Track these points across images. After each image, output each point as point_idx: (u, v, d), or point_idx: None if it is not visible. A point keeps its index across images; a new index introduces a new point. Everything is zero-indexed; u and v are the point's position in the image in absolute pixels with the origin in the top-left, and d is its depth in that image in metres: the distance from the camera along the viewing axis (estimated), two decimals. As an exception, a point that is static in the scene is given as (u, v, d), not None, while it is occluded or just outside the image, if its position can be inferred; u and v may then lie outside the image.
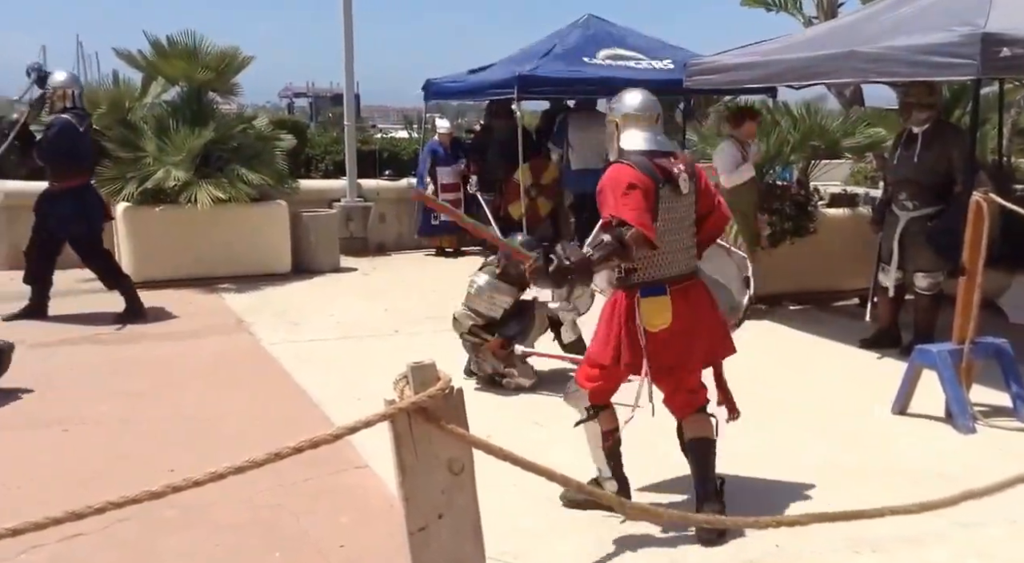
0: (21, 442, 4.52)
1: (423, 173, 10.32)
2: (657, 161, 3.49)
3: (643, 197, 3.36)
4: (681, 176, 3.51)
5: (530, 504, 3.71)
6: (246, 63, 9.05)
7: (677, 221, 3.53)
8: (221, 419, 4.86)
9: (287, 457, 1.46)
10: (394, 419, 1.51)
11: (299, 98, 49.78)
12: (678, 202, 3.52)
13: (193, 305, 7.75)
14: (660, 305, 3.47)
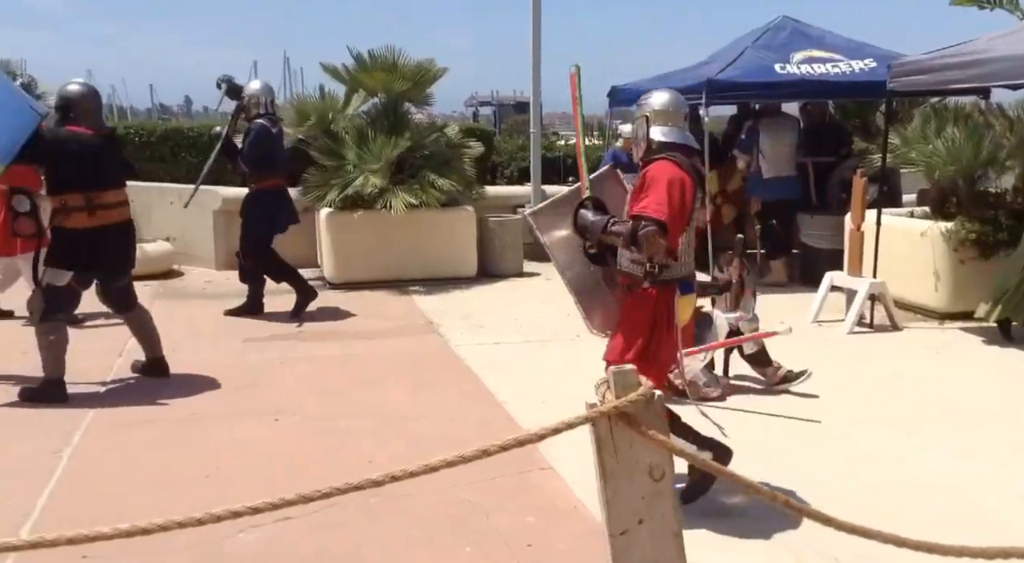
0: (239, 429, 4.90)
1: None
2: (694, 162, 3.58)
3: (680, 199, 3.40)
4: (705, 178, 3.65)
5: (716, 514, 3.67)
6: (440, 74, 9.42)
7: (695, 221, 3.62)
8: (415, 417, 5.09)
9: (494, 454, 1.52)
10: (595, 422, 1.55)
11: (484, 107, 51.11)
12: (699, 204, 3.61)
13: (387, 306, 8.14)
14: (691, 302, 3.61)
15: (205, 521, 2.34)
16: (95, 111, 5.44)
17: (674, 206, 3.38)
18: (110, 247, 5.36)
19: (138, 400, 5.33)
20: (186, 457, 4.48)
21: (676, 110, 3.67)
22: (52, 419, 4.96)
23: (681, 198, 3.41)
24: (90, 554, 3.27)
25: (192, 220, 9.66)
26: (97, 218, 5.26)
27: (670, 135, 3.59)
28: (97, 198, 5.25)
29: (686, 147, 3.60)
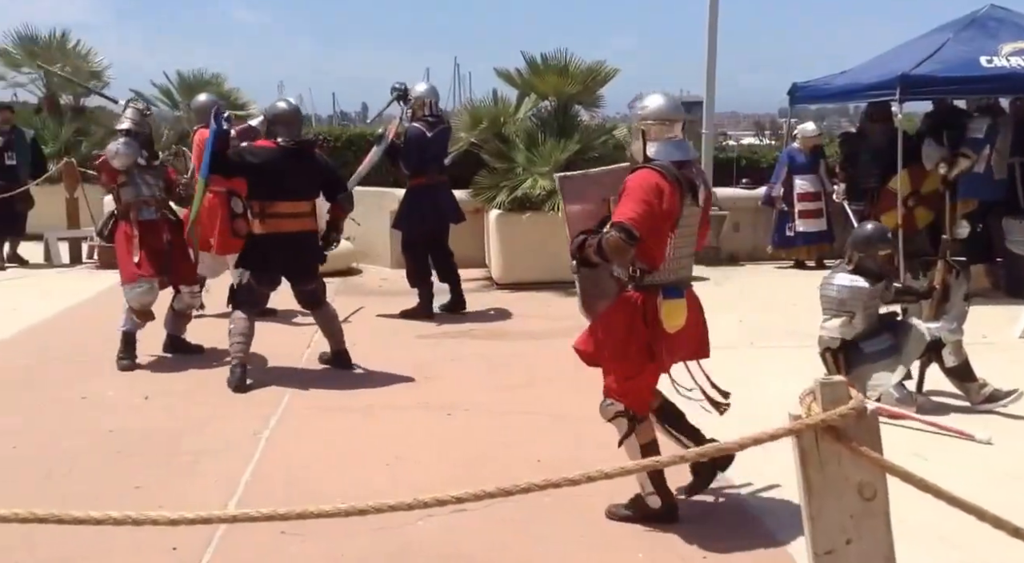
0: (414, 421, 5.10)
1: (777, 181, 10.08)
2: (684, 171, 3.56)
3: (655, 206, 3.43)
4: (701, 188, 3.64)
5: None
6: (611, 76, 9.41)
7: (690, 228, 3.67)
8: (584, 418, 5.09)
9: (676, 464, 1.53)
10: (800, 435, 1.53)
11: (648, 107, 50.60)
12: (692, 211, 3.63)
13: (552, 307, 8.21)
14: (679, 307, 3.60)
15: (397, 508, 2.47)
16: (293, 125, 5.81)
17: (645, 214, 3.42)
18: (282, 255, 5.72)
19: (324, 389, 5.63)
20: (367, 445, 4.70)
21: (671, 117, 3.65)
22: (252, 404, 5.33)
23: (656, 205, 3.44)
24: (288, 530, 3.51)
25: (370, 220, 10.07)
26: (268, 226, 5.69)
27: (662, 148, 3.60)
28: (269, 207, 5.67)
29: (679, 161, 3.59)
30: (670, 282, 3.62)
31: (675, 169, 3.52)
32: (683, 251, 3.66)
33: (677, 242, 3.59)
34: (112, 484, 4.11)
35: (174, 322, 6.43)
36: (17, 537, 3.45)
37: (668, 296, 3.58)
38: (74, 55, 13.12)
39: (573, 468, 4.02)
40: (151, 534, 3.43)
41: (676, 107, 3.70)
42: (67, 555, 3.39)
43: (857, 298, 5.11)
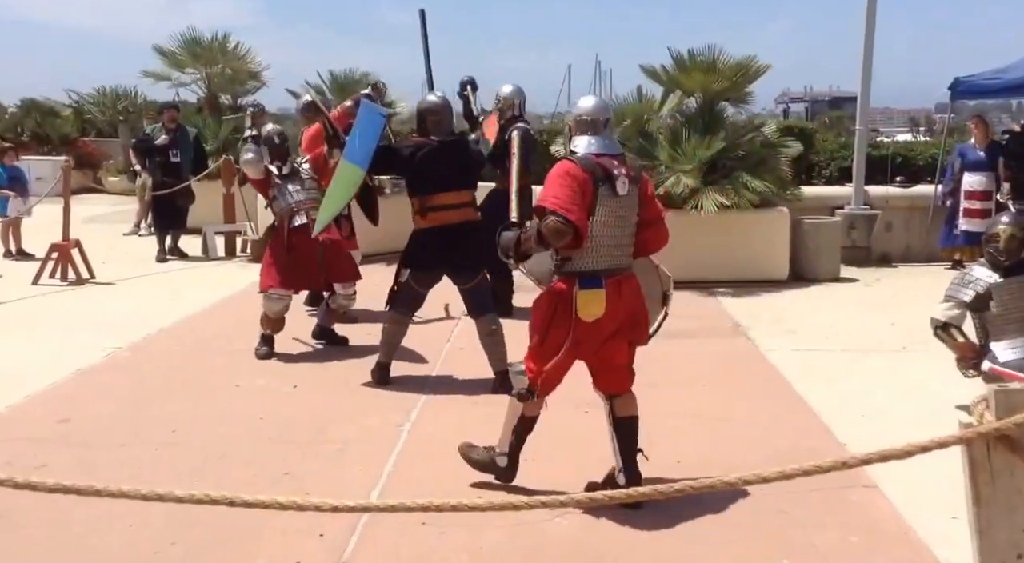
0: (551, 417, 5.03)
1: (948, 179, 9.57)
2: (600, 160, 3.75)
3: (575, 189, 3.63)
4: (620, 178, 3.75)
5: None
6: (761, 71, 9.15)
7: (615, 218, 3.78)
8: (725, 420, 5.00)
9: (853, 467, 1.44)
10: (970, 444, 1.42)
11: (795, 103, 49.02)
12: (615, 201, 3.76)
13: (692, 307, 8.05)
14: (596, 297, 3.73)
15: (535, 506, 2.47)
16: (444, 120, 5.69)
17: (566, 196, 3.63)
18: (448, 247, 5.54)
19: (463, 383, 5.71)
20: (505, 441, 4.72)
21: (592, 115, 3.91)
22: (394, 398, 5.45)
23: (574, 190, 3.64)
24: (428, 521, 3.58)
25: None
26: (429, 220, 5.55)
27: (581, 143, 3.85)
28: (429, 201, 5.54)
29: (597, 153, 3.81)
30: (588, 271, 3.77)
31: (591, 159, 3.75)
32: (607, 242, 3.79)
33: (596, 231, 3.74)
34: (263, 470, 4.29)
35: (326, 315, 6.67)
36: (177, 518, 3.66)
37: (584, 286, 3.74)
38: (234, 57, 13.79)
39: (711, 469, 3.96)
40: (300, 519, 3.56)
41: (599, 108, 3.98)
42: (223, 536, 3.56)
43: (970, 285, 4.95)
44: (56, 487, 2.26)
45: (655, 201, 4.05)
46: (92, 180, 16.64)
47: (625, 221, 3.85)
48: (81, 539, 3.58)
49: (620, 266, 3.87)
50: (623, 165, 3.87)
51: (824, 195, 10.32)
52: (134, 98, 19.30)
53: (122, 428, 4.81)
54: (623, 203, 3.81)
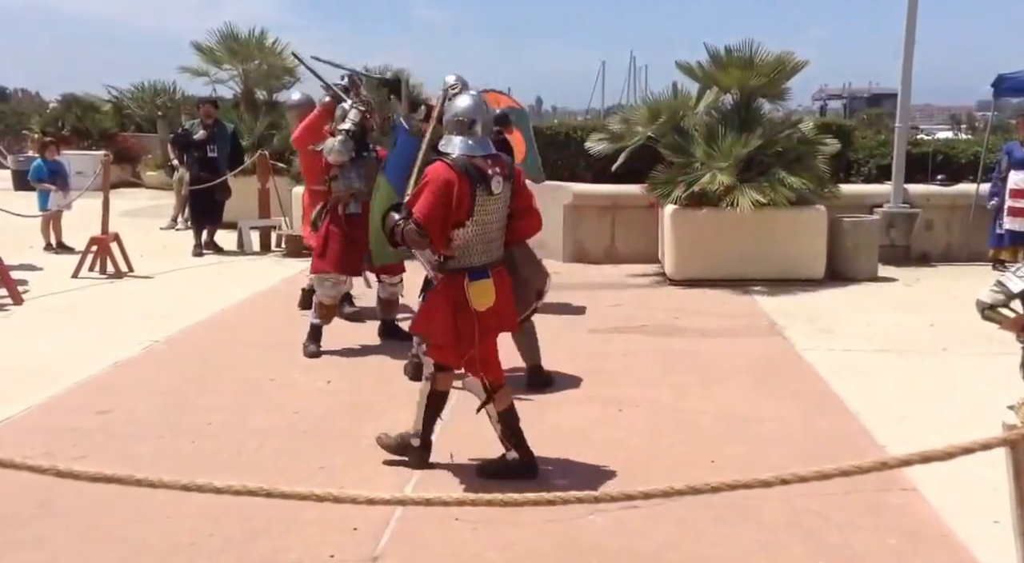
0: (585, 415, 5.08)
1: (996, 177, 9.41)
2: (474, 162, 3.91)
3: (444, 200, 3.83)
4: (495, 178, 3.92)
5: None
6: (799, 68, 9.05)
7: (492, 215, 3.99)
8: (759, 419, 4.95)
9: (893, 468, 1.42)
10: (1015, 446, 1.39)
11: (833, 100, 48.46)
12: (491, 201, 3.95)
13: (727, 305, 8.00)
14: (486, 288, 3.97)
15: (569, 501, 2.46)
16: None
17: (431, 208, 3.84)
18: None
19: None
20: (539, 435, 4.68)
21: (466, 116, 4.00)
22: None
23: (442, 201, 3.83)
24: (461, 516, 3.58)
25: (544, 213, 10.12)
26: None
27: (454, 144, 3.97)
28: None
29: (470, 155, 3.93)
30: (476, 266, 3.98)
31: (466, 161, 3.89)
32: (489, 237, 4.01)
33: (478, 230, 3.95)
34: (298, 463, 4.32)
35: (383, 309, 6.71)
36: (214, 510, 3.69)
37: (474, 278, 3.96)
38: (270, 52, 13.90)
39: (747, 470, 3.91)
40: (334, 513, 3.59)
41: (474, 109, 4.05)
42: (258, 528, 3.59)
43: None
44: (97, 476, 2.30)
45: (525, 190, 4.26)
46: (131, 175, 16.86)
47: (498, 214, 4.06)
48: (119, 528, 3.62)
49: (498, 259, 4.10)
50: (496, 164, 4.00)
51: (863, 193, 10.18)
52: (172, 93, 19.52)
53: (160, 420, 4.86)
54: (499, 200, 4.01)
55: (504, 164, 4.06)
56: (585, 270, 9.73)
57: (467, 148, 3.97)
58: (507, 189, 4.05)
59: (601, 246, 10.17)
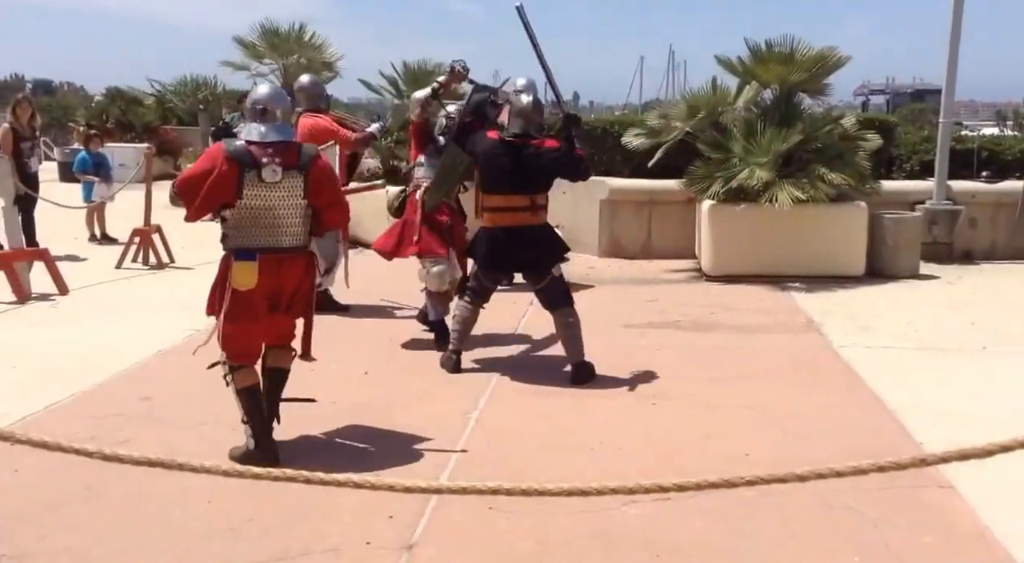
0: (619, 408, 5.10)
1: None
2: (252, 148, 4.08)
3: (205, 168, 4.08)
4: (268, 166, 4.06)
5: None
6: (841, 63, 8.95)
7: (269, 202, 4.09)
8: (795, 415, 4.93)
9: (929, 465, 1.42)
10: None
11: (875, 95, 47.76)
12: (264, 187, 4.08)
13: (764, 301, 7.95)
14: (247, 269, 4.08)
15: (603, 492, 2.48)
16: (528, 118, 5.55)
17: (189, 175, 4.17)
18: (500, 249, 5.56)
19: (532, 373, 5.74)
20: (573, 429, 4.75)
21: (257, 105, 4.20)
22: (462, 385, 5.52)
23: (204, 168, 4.09)
24: (495, 506, 3.61)
25: (580, 208, 10.16)
26: (486, 219, 5.61)
27: (247, 129, 4.18)
28: (485, 201, 5.60)
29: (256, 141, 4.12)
30: (244, 247, 4.10)
31: (239, 147, 4.09)
32: (267, 222, 4.12)
33: (248, 214, 4.08)
34: (336, 452, 4.39)
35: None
36: (253, 496, 3.77)
37: (238, 258, 4.10)
38: (309, 47, 14.04)
39: (781, 465, 3.89)
40: (371, 502, 3.65)
41: (272, 97, 4.25)
42: (296, 515, 3.66)
43: None
44: (140, 460, 2.35)
45: (328, 188, 4.30)
46: (173, 167, 17.09)
47: (284, 205, 4.14)
48: (161, 512, 3.71)
49: (281, 246, 4.16)
50: (279, 155, 4.10)
51: (905, 190, 10.04)
52: (213, 87, 19.79)
53: (201, 407, 4.96)
54: (278, 189, 4.11)
55: (292, 155, 4.15)
56: (620, 265, 9.72)
57: (257, 134, 4.14)
58: (295, 180, 4.14)
59: (637, 241, 10.14)
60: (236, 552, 3.38)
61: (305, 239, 4.27)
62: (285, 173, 4.12)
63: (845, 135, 9.01)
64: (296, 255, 4.25)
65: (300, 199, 4.18)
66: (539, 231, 5.61)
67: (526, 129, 5.55)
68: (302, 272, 4.30)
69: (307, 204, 4.20)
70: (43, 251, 8.39)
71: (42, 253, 8.34)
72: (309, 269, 4.34)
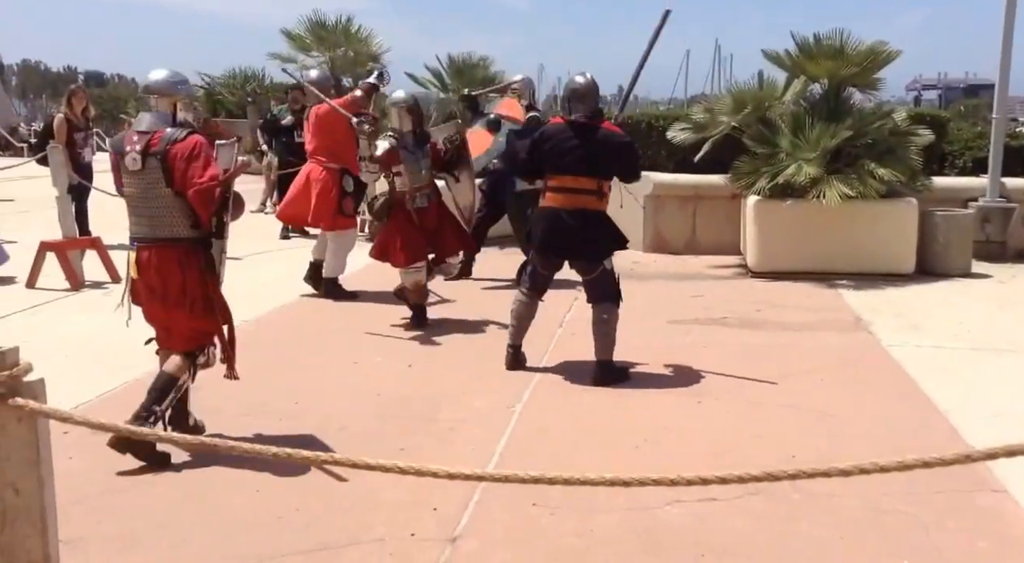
0: (663, 406, 5.06)
1: None
2: (129, 135, 4.19)
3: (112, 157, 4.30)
4: (129, 154, 4.10)
5: None
6: (892, 58, 8.78)
7: (134, 190, 4.17)
8: (844, 415, 4.86)
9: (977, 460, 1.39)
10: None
11: (927, 90, 46.85)
12: (129, 175, 4.16)
13: (811, 299, 7.85)
14: (131, 258, 4.27)
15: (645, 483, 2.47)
16: (588, 100, 5.54)
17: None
18: (557, 230, 5.46)
19: (575, 367, 5.72)
20: (616, 426, 4.73)
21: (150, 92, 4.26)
22: (506, 379, 5.52)
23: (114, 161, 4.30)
24: (538, 502, 3.62)
25: (625, 203, 10.07)
26: (547, 200, 5.56)
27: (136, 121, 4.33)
28: (551, 181, 5.52)
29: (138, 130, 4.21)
30: (132, 236, 4.28)
31: (119, 137, 4.32)
32: (134, 212, 4.23)
33: (126, 201, 4.23)
34: (379, 444, 4.41)
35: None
36: (299, 486, 3.82)
37: (130, 247, 4.30)
38: (356, 39, 14.11)
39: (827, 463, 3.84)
40: (415, 494, 3.68)
41: (161, 85, 4.22)
42: (341, 506, 3.70)
43: None
44: (195, 443, 2.41)
45: (185, 173, 4.05)
46: (221, 160, 17.33)
47: (149, 193, 4.13)
48: (212, 499, 3.78)
49: (149, 236, 4.19)
50: (140, 142, 4.10)
51: (957, 187, 9.83)
52: (261, 80, 20.00)
53: (247, 398, 5.02)
54: (140, 176, 4.12)
55: (151, 142, 4.08)
56: (665, 261, 9.66)
57: (139, 124, 4.22)
58: (153, 168, 4.07)
59: (682, 237, 10.07)
60: (283, 541, 3.43)
61: (178, 230, 4.17)
62: (144, 159, 4.09)
63: (896, 130, 8.85)
64: (167, 247, 4.19)
65: (165, 187, 4.10)
66: (601, 218, 5.53)
67: (592, 112, 5.52)
68: (175, 264, 4.19)
69: (172, 192, 4.10)
70: (96, 239, 8.56)
71: (95, 241, 8.51)
72: (179, 263, 4.19)
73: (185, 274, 4.19)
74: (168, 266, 4.18)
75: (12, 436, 2.13)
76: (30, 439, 2.14)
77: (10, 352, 2.11)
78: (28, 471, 2.15)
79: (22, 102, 55.89)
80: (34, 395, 2.13)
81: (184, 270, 4.19)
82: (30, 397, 2.11)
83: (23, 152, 24.94)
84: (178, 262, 4.18)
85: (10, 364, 2.10)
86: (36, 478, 2.16)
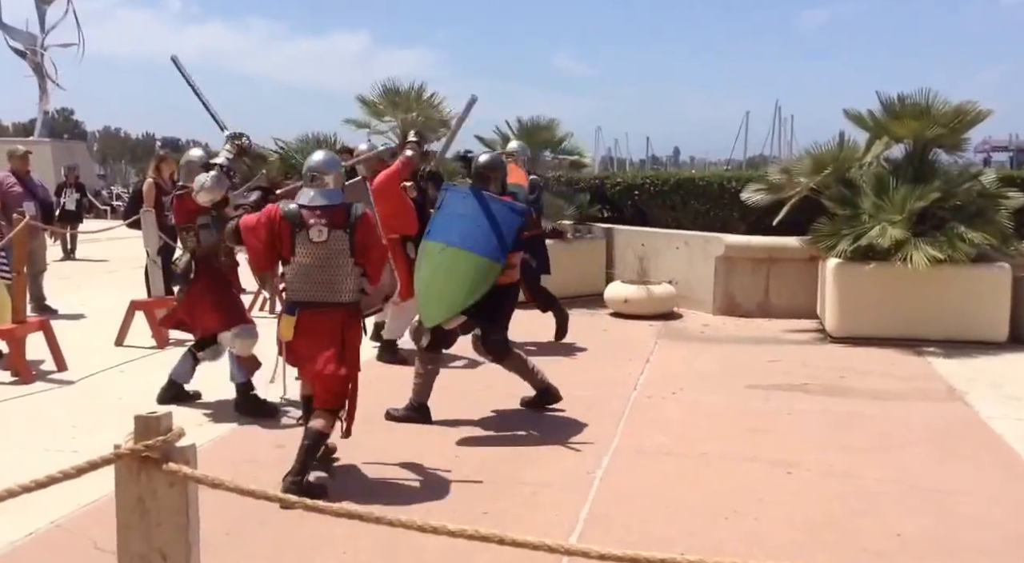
0: (751, 475, 4.85)
1: None
2: (303, 211, 4.47)
3: (263, 223, 4.52)
4: (315, 227, 4.43)
5: None
6: (982, 118, 8.58)
7: (315, 260, 4.46)
8: (948, 491, 4.60)
9: None
10: None
11: (997, 152, 45.90)
12: (312, 246, 4.45)
13: (897, 366, 7.56)
14: (286, 323, 4.52)
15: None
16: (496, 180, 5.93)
17: (253, 222, 4.58)
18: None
19: (654, 431, 5.57)
20: (703, 495, 4.54)
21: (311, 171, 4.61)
22: (583, 441, 5.40)
23: (261, 222, 4.54)
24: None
25: (695, 264, 9.97)
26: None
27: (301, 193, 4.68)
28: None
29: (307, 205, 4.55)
30: (291, 300, 4.55)
31: (292, 209, 4.48)
32: (312, 278, 4.47)
33: (297, 270, 4.48)
34: (462, 507, 4.30)
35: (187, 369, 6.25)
36: (384, 548, 3.72)
37: (285, 313, 4.57)
38: (428, 105, 14.37)
39: (937, 547, 3.63)
40: (501, 558, 3.54)
41: (324, 164, 4.61)
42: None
43: None
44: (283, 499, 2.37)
45: (372, 249, 4.58)
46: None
47: (330, 263, 4.47)
48: (298, 558, 3.70)
49: (318, 300, 4.48)
50: (324, 216, 4.45)
51: (1050, 251, 9.46)
52: (333, 144, 20.40)
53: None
54: (324, 248, 4.45)
55: (340, 216, 4.49)
56: (736, 323, 9.46)
57: (307, 198, 4.53)
58: (340, 240, 4.47)
59: (754, 299, 9.85)
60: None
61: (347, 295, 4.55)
62: (331, 233, 4.47)
63: (985, 192, 8.60)
64: (336, 310, 4.53)
65: (348, 258, 4.51)
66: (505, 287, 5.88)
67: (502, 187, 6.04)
68: (342, 324, 4.54)
69: (353, 261, 4.52)
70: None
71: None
72: (346, 323, 4.56)
73: (350, 333, 4.58)
74: (333, 328, 4.52)
75: (163, 501, 2.11)
76: (180, 505, 2.12)
77: (164, 417, 2.10)
78: (177, 536, 2.13)
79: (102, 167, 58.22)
80: (186, 460, 2.10)
81: (347, 330, 4.56)
82: (182, 462, 2.08)
83: (106, 214, 25.86)
84: (345, 323, 4.56)
85: (164, 429, 2.08)
86: (184, 543, 2.13)
